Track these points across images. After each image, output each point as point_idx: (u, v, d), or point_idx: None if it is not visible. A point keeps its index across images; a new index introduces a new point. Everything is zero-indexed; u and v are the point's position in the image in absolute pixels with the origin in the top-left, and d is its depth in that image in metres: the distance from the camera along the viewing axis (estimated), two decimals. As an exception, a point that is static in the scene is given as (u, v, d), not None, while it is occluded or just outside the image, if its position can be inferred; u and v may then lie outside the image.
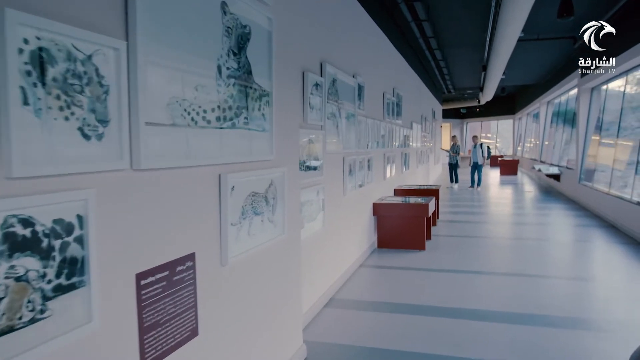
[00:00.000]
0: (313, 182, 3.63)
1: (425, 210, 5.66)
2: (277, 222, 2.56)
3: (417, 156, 10.65)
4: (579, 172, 9.93)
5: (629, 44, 7.07)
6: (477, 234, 6.83)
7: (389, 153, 6.84)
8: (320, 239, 3.87)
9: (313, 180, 3.63)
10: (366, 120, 5.30)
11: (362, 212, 5.34)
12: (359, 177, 5.11)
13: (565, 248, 6.13)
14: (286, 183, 2.64)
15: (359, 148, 5.07)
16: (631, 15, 7.13)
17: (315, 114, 3.68)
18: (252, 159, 2.26)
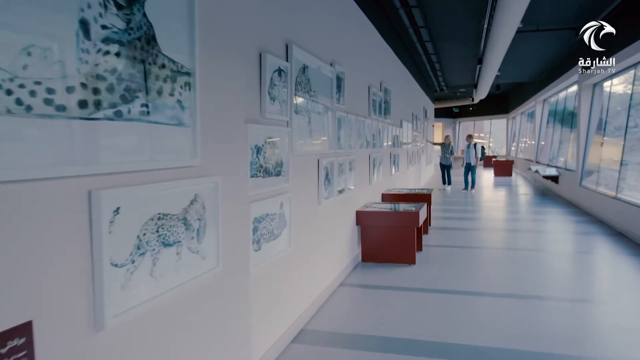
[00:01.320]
0: (275, 191, 2.93)
1: (416, 219, 4.98)
2: (207, 252, 1.86)
3: (408, 157, 9.99)
4: (580, 173, 9.32)
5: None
6: (471, 244, 6.17)
7: (375, 154, 6.15)
8: (286, 260, 3.16)
9: (275, 189, 2.92)
10: (347, 116, 4.61)
11: (342, 222, 4.65)
12: (339, 183, 4.41)
13: (569, 261, 5.47)
14: (221, 197, 1.94)
15: (339, 149, 4.37)
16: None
17: (278, 107, 2.97)
18: (157, 165, 1.55)
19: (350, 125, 4.80)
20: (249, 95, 2.57)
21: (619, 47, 7.40)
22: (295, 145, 3.28)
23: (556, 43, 9.80)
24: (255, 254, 2.65)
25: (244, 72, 2.47)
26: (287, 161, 3.11)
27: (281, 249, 3.04)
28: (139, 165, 1.46)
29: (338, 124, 4.34)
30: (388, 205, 5.66)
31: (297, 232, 3.35)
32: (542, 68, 13.23)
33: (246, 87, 2.50)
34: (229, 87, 2.11)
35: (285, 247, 3.10)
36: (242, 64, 2.42)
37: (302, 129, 3.41)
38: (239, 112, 2.25)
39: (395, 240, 5.08)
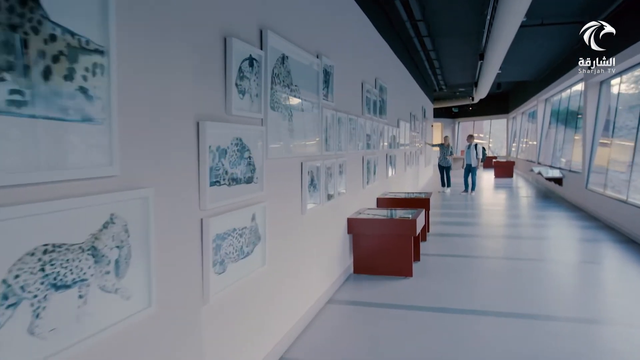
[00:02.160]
0: (245, 201, 2.48)
1: (413, 227, 4.54)
2: (132, 289, 1.41)
3: (406, 158, 9.55)
4: (586, 176, 8.89)
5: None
6: (472, 253, 5.72)
7: (369, 156, 5.71)
8: (261, 281, 2.72)
9: (245, 199, 2.47)
10: (337, 115, 4.16)
11: (332, 231, 4.21)
12: (327, 188, 3.96)
13: (578, 272, 5.04)
14: (154, 215, 1.50)
15: (327, 150, 3.93)
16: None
17: (249, 102, 2.53)
18: (44, 178, 1.11)
19: (341, 125, 4.35)
20: (206, 87, 2.13)
21: (619, 47, 6.99)
22: (272, 147, 2.83)
23: (562, 38, 9.36)
24: (217, 278, 2.21)
25: (198, 58, 2.03)
26: (261, 166, 2.66)
27: (254, 268, 2.60)
28: (6, 179, 1.02)
29: (326, 123, 3.90)
30: (383, 212, 5.22)
31: (275, 246, 2.90)
32: (545, 66, 12.81)
33: (200, 77, 2.05)
34: (172, 75, 1.67)
35: (258, 265, 2.66)
36: (195, 47, 1.98)
37: (280, 128, 2.96)
38: (187, 107, 1.82)
39: (390, 251, 4.64)
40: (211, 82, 2.18)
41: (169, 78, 1.71)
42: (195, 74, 2.00)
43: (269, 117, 2.76)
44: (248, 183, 2.52)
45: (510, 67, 12.67)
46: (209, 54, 2.15)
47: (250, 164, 2.55)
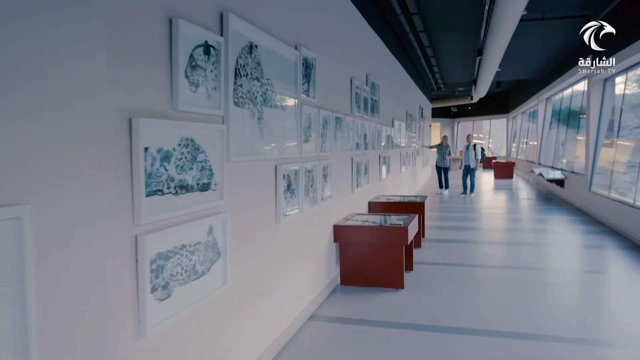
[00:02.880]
0: (197, 212, 2.11)
1: (404, 235, 4.17)
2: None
3: (402, 159, 9.18)
4: (590, 177, 8.51)
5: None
6: (470, 261, 5.35)
7: (360, 157, 5.34)
8: (221, 304, 2.35)
9: (196, 210, 2.10)
10: (319, 112, 3.79)
11: (315, 240, 3.84)
12: (309, 193, 3.60)
13: (583, 284, 4.67)
14: (31, 242, 1.13)
15: (308, 152, 3.56)
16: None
17: (204, 96, 2.16)
18: None
19: (325, 124, 3.98)
20: (144, 77, 1.76)
21: (619, 46, 6.64)
22: (236, 149, 2.46)
23: (563, 34, 9.00)
24: (158, 305, 1.84)
25: (131, 42, 1.67)
26: (221, 170, 2.29)
27: (211, 289, 2.23)
28: None
29: (307, 122, 3.53)
30: (373, 218, 4.85)
31: (241, 262, 2.53)
32: (545, 63, 12.44)
33: (134, 64, 1.69)
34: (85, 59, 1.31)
35: (218, 285, 2.28)
36: (123, 27, 1.61)
37: (248, 127, 2.59)
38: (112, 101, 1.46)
39: (380, 260, 4.27)
40: (151, 72, 1.81)
41: (80, 63, 1.35)
42: (125, 61, 1.63)
43: (231, 114, 2.39)
44: (203, 190, 2.15)
45: (510, 65, 12.31)
46: (147, 38, 1.78)
47: (206, 169, 2.18)
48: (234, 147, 2.42)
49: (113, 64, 1.58)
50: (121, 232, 1.66)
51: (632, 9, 6.71)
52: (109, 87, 1.55)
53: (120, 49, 1.62)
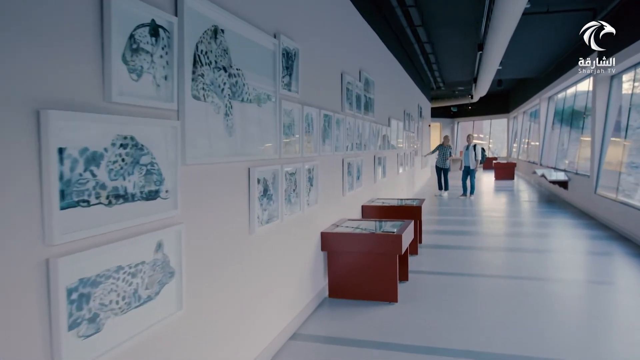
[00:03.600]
0: (140, 226, 1.75)
1: (397, 244, 3.81)
2: None
3: (399, 160, 8.82)
4: (595, 179, 8.15)
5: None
6: (470, 269, 4.99)
7: (351, 158, 4.98)
8: (175, 333, 1.98)
9: (139, 224, 1.74)
10: (303, 109, 3.43)
11: (299, 250, 3.47)
12: (291, 199, 3.24)
13: (592, 296, 4.30)
14: None
15: (289, 153, 3.20)
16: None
17: (151, 86, 1.80)
18: None
19: (310, 121, 3.62)
20: (63, 59, 1.39)
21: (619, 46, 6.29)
22: (196, 149, 2.10)
23: (567, 29, 8.63)
24: (80, 344, 1.48)
25: (38, 13, 1.30)
26: (175, 174, 1.93)
27: (160, 317, 1.86)
28: None
29: (288, 119, 3.17)
30: (366, 224, 4.49)
31: (202, 281, 2.18)
32: (548, 61, 12.07)
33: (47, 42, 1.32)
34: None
35: (170, 312, 1.92)
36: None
37: (210, 123, 2.23)
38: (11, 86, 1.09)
39: (371, 271, 3.91)
40: (74, 53, 1.45)
41: None
42: (35, 36, 1.27)
43: (189, 108, 2.03)
44: (149, 199, 1.80)
45: (512, 63, 11.95)
46: (68, 8, 1.41)
47: (153, 173, 1.82)
48: (192, 147, 2.06)
49: (17, 38, 1.22)
50: (26, 255, 1.30)
51: (636, 6, 6.36)
52: (11, 69, 1.19)
53: (28, 18, 1.26)
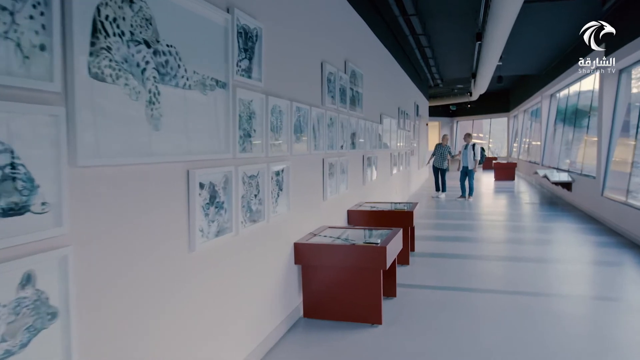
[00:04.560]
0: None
1: (382, 257, 3.29)
2: None
3: (392, 159, 8.30)
4: (602, 180, 7.63)
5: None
6: (466, 283, 4.47)
7: (334, 158, 4.46)
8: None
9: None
10: (266, 100, 2.91)
11: (265, 265, 2.96)
12: (250, 206, 2.72)
13: (605, 316, 3.78)
14: None
15: (247, 152, 2.68)
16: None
17: (13, 57, 1.29)
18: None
19: (278, 115, 3.11)
20: None
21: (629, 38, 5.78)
22: (93, 146, 1.58)
23: (572, 19, 8.11)
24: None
25: None
26: (57, 180, 1.42)
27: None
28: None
29: (246, 111, 2.65)
30: (348, 233, 3.98)
31: (109, 322, 1.66)
32: (551, 56, 11.55)
33: None
34: None
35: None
36: None
37: (122, 112, 1.72)
38: None
39: (352, 288, 3.39)
40: None
41: None
42: None
43: (82, 90, 1.52)
44: (11, 215, 1.28)
45: (512, 58, 11.44)
46: None
47: (18, 179, 1.30)
48: (89, 143, 1.55)
49: None
50: None
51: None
52: None
53: None
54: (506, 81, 15.78)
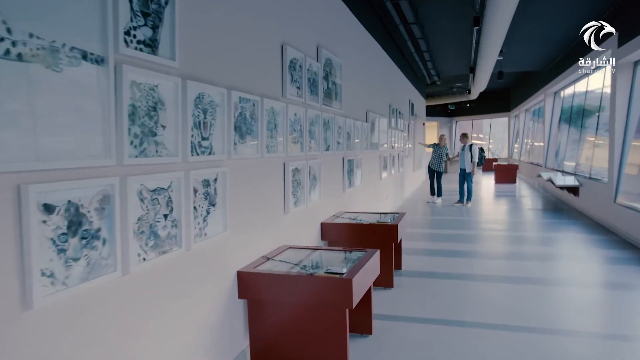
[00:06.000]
0: None
1: (347, 293, 2.53)
2: None
3: (383, 162, 7.55)
4: (615, 186, 6.87)
5: None
6: (462, 314, 3.71)
7: (301, 161, 3.71)
8: None
9: None
10: (183, 86, 2.15)
11: (183, 308, 2.21)
12: (157, 231, 1.97)
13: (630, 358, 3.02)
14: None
15: (142, 158, 1.92)
16: None
17: None
18: None
19: (206, 108, 2.35)
20: None
21: None
22: None
23: (578, 10, 7.37)
24: None
25: None
26: None
27: None
28: None
29: (142, 101, 1.90)
30: (313, 256, 3.22)
31: None
32: (555, 50, 10.78)
33: None
34: None
35: None
36: None
37: None
38: None
39: (311, 330, 2.64)
40: None
41: None
42: None
43: None
44: None
45: (513, 53, 10.70)
46: None
47: None
48: None
49: None
50: None
51: None
52: None
53: None
54: (507, 79, 15.02)
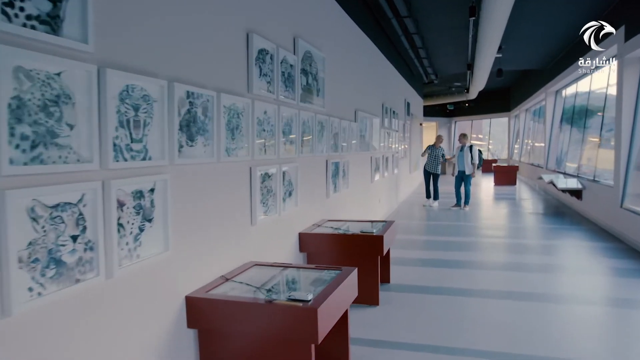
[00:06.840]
0: None
1: (311, 325, 2.11)
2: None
3: (374, 164, 7.13)
4: (622, 189, 6.44)
5: None
6: (456, 341, 3.28)
7: (273, 165, 3.29)
8: None
9: None
10: (99, 75, 1.73)
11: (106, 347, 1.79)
12: (61, 261, 1.55)
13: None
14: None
15: (30, 162, 1.50)
16: None
17: None
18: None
19: (139, 104, 1.93)
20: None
21: None
22: None
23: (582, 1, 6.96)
24: None
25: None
26: None
27: None
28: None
29: (45, 93, 1.48)
30: (282, 276, 2.80)
31: None
32: (556, 47, 10.37)
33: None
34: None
35: None
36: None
37: None
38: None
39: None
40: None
41: None
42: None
43: None
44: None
45: (512, 50, 10.28)
46: None
47: None
48: None
49: None
50: None
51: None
52: None
53: None
54: (506, 77, 14.61)
